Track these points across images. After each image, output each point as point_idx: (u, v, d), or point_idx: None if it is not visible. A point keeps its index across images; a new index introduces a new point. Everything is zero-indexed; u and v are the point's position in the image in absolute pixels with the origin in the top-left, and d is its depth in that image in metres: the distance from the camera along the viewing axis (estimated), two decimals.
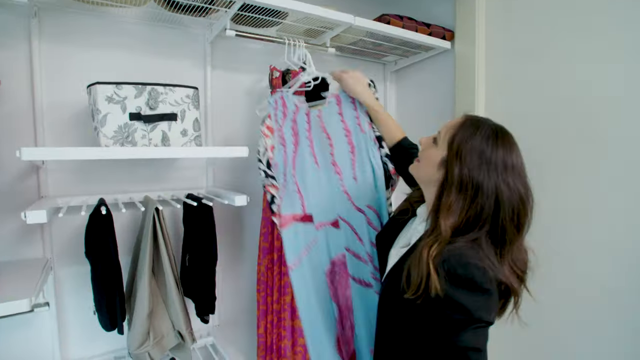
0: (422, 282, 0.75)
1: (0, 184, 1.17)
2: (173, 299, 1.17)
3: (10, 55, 1.17)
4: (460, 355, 0.75)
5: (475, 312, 0.74)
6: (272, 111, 1.30)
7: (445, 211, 0.79)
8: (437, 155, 0.85)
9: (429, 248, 0.77)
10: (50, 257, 1.24)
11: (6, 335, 1.21)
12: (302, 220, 1.20)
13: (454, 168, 0.80)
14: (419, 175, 0.94)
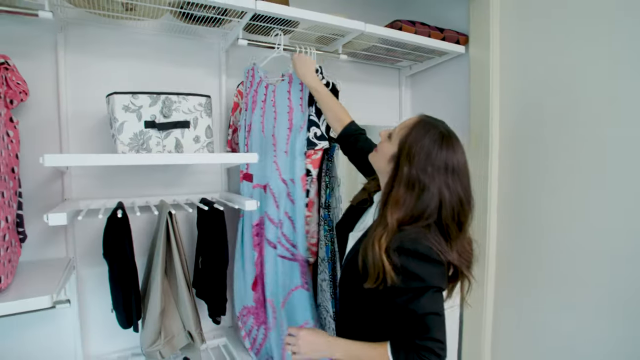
0: (380, 273, 0.83)
1: (28, 189, 1.25)
2: (184, 300, 1.22)
3: (38, 67, 1.26)
4: (421, 321, 0.82)
5: (428, 279, 0.83)
6: (244, 79, 1.50)
7: (393, 205, 0.88)
8: (390, 149, 0.94)
9: (379, 240, 0.85)
10: (72, 257, 1.32)
11: (32, 330, 1.29)
12: (245, 178, 1.49)
13: (403, 166, 0.89)
14: (374, 164, 1.02)
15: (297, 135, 1.32)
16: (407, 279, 0.83)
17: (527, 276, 1.53)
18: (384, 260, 0.83)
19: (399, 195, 0.87)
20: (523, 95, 1.53)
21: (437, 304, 0.84)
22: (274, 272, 1.36)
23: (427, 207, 0.86)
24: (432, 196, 0.86)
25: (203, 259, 1.36)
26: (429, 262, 0.84)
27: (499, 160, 1.63)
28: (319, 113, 1.34)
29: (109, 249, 1.13)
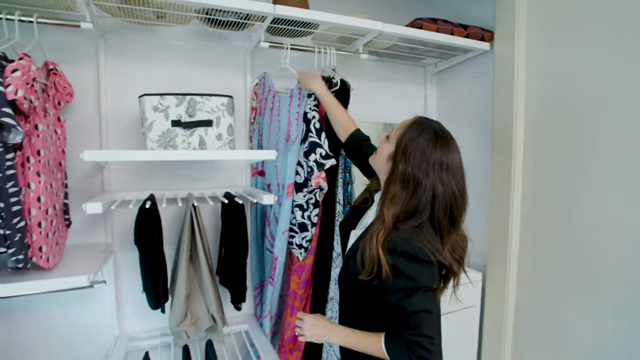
0: (374, 265, 0.89)
1: (73, 180, 1.41)
2: (207, 285, 1.32)
3: (82, 71, 1.40)
4: (411, 317, 0.87)
5: (418, 279, 0.88)
6: (257, 86, 1.65)
7: (388, 201, 0.93)
8: (388, 150, 0.99)
9: (377, 235, 0.91)
10: (110, 242, 1.47)
11: (76, 306, 1.46)
12: (259, 174, 1.65)
13: (399, 164, 0.94)
14: (375, 166, 1.08)
15: (290, 146, 1.41)
16: (399, 278, 0.88)
17: (550, 276, 1.51)
18: (380, 254, 0.88)
19: (395, 191, 0.93)
20: (549, 92, 1.51)
21: (427, 302, 0.88)
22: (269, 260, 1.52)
23: (420, 202, 0.90)
24: (425, 191, 0.90)
25: (225, 248, 1.46)
26: (419, 262, 0.88)
27: (523, 157, 1.61)
28: (319, 133, 1.40)
29: (139, 235, 1.25)
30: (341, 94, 1.48)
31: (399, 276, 0.88)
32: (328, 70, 1.52)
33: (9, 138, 1.01)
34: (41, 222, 1.11)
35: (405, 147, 0.93)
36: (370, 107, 1.99)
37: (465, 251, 0.97)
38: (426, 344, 0.85)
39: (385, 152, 1.00)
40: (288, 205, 1.42)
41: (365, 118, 2.01)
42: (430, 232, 0.91)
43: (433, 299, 0.90)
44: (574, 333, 1.41)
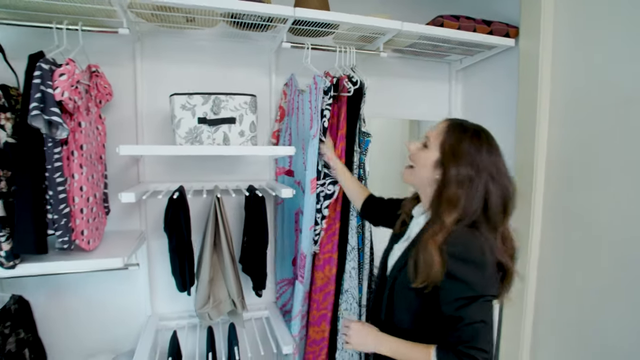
0: (431, 269, 0.88)
1: (112, 172, 1.56)
2: (228, 272, 1.43)
3: (120, 72, 1.54)
4: (468, 329, 0.86)
5: (479, 288, 0.87)
6: (285, 87, 1.75)
7: (446, 204, 0.94)
8: (431, 157, 0.99)
9: (434, 239, 0.91)
10: (144, 229, 1.61)
11: (112, 287, 1.62)
12: (287, 173, 1.71)
13: (450, 167, 0.94)
14: (414, 180, 1.07)
15: (310, 141, 1.45)
16: (457, 286, 0.88)
17: (571, 273, 1.50)
18: (435, 259, 0.88)
19: (452, 194, 0.93)
20: (576, 89, 1.48)
21: (484, 312, 0.87)
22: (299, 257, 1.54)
23: (475, 200, 0.92)
24: (479, 189, 0.92)
25: (247, 238, 1.57)
26: (479, 267, 0.88)
27: (546, 154, 1.60)
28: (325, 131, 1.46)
29: (168, 224, 1.37)
30: (357, 93, 1.53)
31: (458, 283, 0.88)
32: (347, 69, 1.58)
33: (57, 134, 1.15)
34: (83, 208, 1.25)
35: (452, 149, 0.95)
36: (396, 104, 2.02)
37: (515, 245, 0.98)
38: (481, 358, 0.84)
39: (429, 160, 0.99)
40: (312, 201, 1.46)
41: (391, 115, 2.05)
42: (486, 229, 0.92)
43: (489, 308, 0.89)
44: (594, 333, 1.40)
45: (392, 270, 1.07)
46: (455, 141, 0.96)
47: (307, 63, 1.53)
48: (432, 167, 0.99)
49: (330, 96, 1.45)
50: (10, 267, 1.17)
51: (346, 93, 1.54)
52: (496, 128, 1.80)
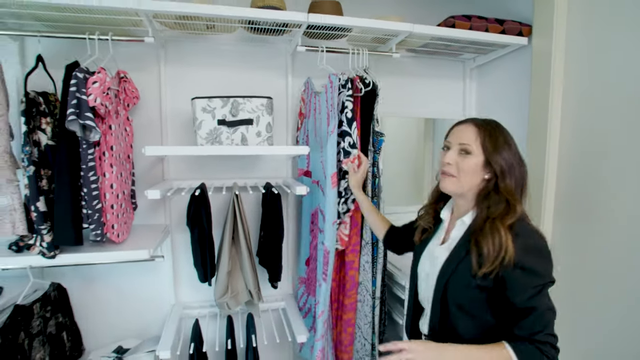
0: (499, 254, 0.90)
1: (139, 170, 1.68)
2: (246, 264, 1.53)
3: (146, 77, 1.66)
4: (541, 317, 0.89)
5: (546, 274, 0.92)
6: (303, 92, 1.82)
7: (507, 193, 0.99)
8: (477, 161, 1.02)
9: (502, 224, 0.94)
10: (168, 223, 1.74)
11: (139, 277, 1.75)
12: (305, 174, 1.78)
13: (500, 162, 1.00)
14: (460, 188, 1.05)
15: (328, 138, 1.50)
16: (527, 276, 0.90)
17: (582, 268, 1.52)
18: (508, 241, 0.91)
19: (507, 183, 0.99)
20: (588, 89, 1.50)
21: (550, 299, 0.90)
22: (319, 255, 1.60)
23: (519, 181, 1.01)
24: (520, 170, 1.02)
25: (264, 233, 1.66)
26: (544, 254, 0.93)
27: (558, 152, 1.62)
28: (350, 122, 1.49)
29: (190, 218, 1.48)
30: (371, 93, 1.60)
31: (527, 273, 0.90)
32: (360, 70, 1.64)
33: (90, 137, 1.27)
34: (113, 204, 1.37)
35: (495, 147, 1.00)
36: (410, 103, 2.08)
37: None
38: (555, 343, 0.88)
39: (477, 166, 1.02)
40: (333, 196, 1.49)
41: (406, 114, 2.11)
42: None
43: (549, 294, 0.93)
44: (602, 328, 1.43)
45: (440, 277, 1.04)
46: (493, 139, 1.01)
47: (322, 64, 1.60)
48: (481, 170, 1.02)
49: (349, 88, 1.50)
50: (51, 257, 1.30)
51: (358, 93, 1.61)
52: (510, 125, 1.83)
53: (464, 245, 1.01)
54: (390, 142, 1.87)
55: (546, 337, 0.88)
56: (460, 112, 2.13)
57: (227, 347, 1.58)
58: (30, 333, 1.39)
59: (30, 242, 1.34)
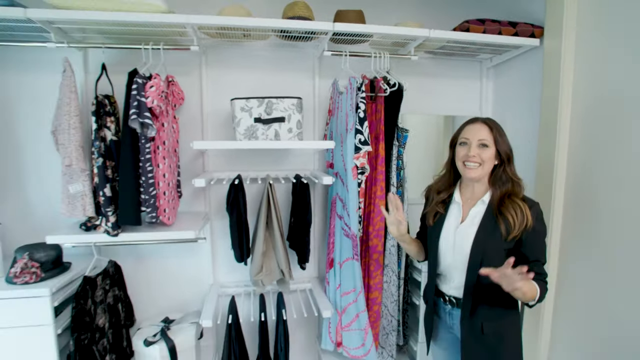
0: (523, 222, 1.24)
1: (184, 163, 1.92)
2: (278, 246, 1.74)
3: (190, 80, 1.89)
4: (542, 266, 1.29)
5: (546, 234, 1.33)
6: (331, 92, 2.01)
7: (512, 174, 1.33)
8: (492, 152, 1.32)
9: (519, 198, 1.29)
10: (208, 211, 1.97)
11: (182, 258, 2.00)
12: (330, 166, 2.01)
13: (505, 151, 1.33)
14: (480, 175, 1.33)
15: (347, 135, 1.69)
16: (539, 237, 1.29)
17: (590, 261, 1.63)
18: (528, 212, 1.25)
19: (512, 168, 1.34)
20: (599, 87, 1.60)
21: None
22: (339, 240, 1.81)
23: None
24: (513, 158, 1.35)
25: (294, 219, 1.87)
26: (543, 220, 1.31)
27: (568, 150, 1.74)
28: (362, 121, 1.68)
29: (230, 204, 1.70)
30: (397, 93, 1.78)
31: (538, 235, 1.28)
32: (382, 72, 1.82)
33: (147, 133, 1.50)
34: (165, 191, 1.60)
35: (502, 140, 1.32)
36: (430, 102, 2.24)
37: None
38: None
39: (492, 155, 1.31)
40: (354, 186, 1.71)
41: (426, 111, 2.26)
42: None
43: None
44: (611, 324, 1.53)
45: (475, 246, 1.29)
46: (499, 134, 1.32)
47: (345, 68, 1.79)
48: (494, 158, 1.33)
49: (363, 91, 1.69)
50: (115, 235, 1.55)
51: (382, 93, 1.79)
52: (524, 122, 2.01)
53: (489, 219, 1.30)
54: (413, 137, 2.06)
55: (545, 278, 1.28)
56: (477, 109, 2.28)
57: (260, 319, 1.79)
58: (95, 301, 1.64)
59: (97, 222, 1.60)
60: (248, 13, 1.65)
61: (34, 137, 1.80)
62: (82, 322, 1.54)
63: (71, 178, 1.52)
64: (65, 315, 1.60)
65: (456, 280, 1.37)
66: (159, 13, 1.50)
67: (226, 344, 1.77)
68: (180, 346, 1.72)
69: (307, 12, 1.69)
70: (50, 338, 1.51)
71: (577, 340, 1.69)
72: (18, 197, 1.82)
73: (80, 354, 1.53)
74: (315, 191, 2.10)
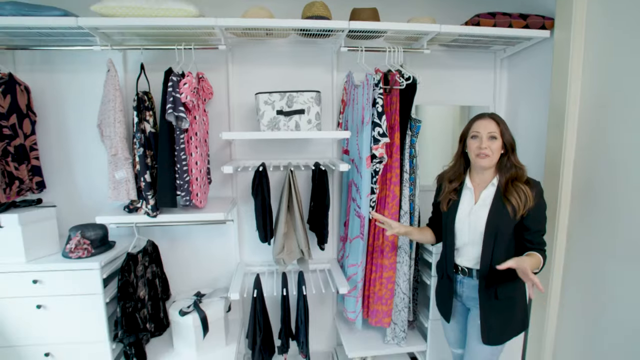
0: (526, 202, 1.44)
1: (213, 152, 2.12)
2: (298, 228, 1.93)
3: (217, 76, 2.09)
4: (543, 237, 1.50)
5: (546, 208, 1.51)
6: (345, 83, 2.18)
7: (518, 167, 1.51)
8: (500, 143, 1.51)
9: (522, 182, 1.48)
10: (235, 196, 2.17)
11: (211, 239, 2.22)
12: (345, 152, 2.21)
13: (510, 141, 1.51)
14: (491, 163, 1.51)
15: (363, 127, 1.85)
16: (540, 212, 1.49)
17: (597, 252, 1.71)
18: (530, 194, 1.44)
19: (515, 156, 1.52)
20: (607, 79, 1.67)
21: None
22: (352, 219, 2.00)
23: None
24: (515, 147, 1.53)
25: (313, 203, 2.05)
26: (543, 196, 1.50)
27: (576, 143, 1.82)
28: (380, 116, 1.83)
29: (254, 188, 1.89)
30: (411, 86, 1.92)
31: (539, 210, 1.47)
32: (396, 66, 1.96)
33: (181, 125, 1.70)
34: (197, 177, 1.81)
35: (507, 132, 1.50)
36: (445, 92, 2.35)
37: None
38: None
39: (499, 145, 1.49)
40: (367, 174, 1.88)
41: (442, 102, 2.38)
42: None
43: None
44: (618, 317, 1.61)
45: (488, 224, 1.51)
46: (505, 127, 1.51)
47: (361, 63, 1.94)
48: (501, 148, 1.51)
49: (380, 87, 1.84)
50: (154, 216, 1.77)
51: (398, 86, 1.93)
52: (537, 113, 2.10)
53: (498, 200, 1.50)
54: (430, 127, 2.24)
55: (544, 247, 1.49)
56: (490, 99, 2.38)
57: (282, 294, 1.99)
58: (136, 275, 1.87)
59: (138, 205, 1.82)
60: (270, 14, 1.82)
61: (81, 130, 2.04)
62: (126, 292, 1.77)
63: (116, 166, 1.75)
64: (111, 287, 1.84)
65: (469, 253, 1.58)
66: (191, 17, 1.68)
67: (251, 316, 1.98)
68: (210, 317, 1.93)
69: (324, 11, 1.84)
70: (100, 305, 1.76)
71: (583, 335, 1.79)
72: (68, 183, 2.08)
73: (125, 320, 1.76)
74: (334, 177, 2.27)
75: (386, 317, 2.05)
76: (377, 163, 1.88)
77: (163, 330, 2.07)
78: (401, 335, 2.07)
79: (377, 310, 2.08)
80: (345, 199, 2.17)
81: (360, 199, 1.91)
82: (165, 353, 1.97)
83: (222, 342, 2.02)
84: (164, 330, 2.08)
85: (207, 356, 1.95)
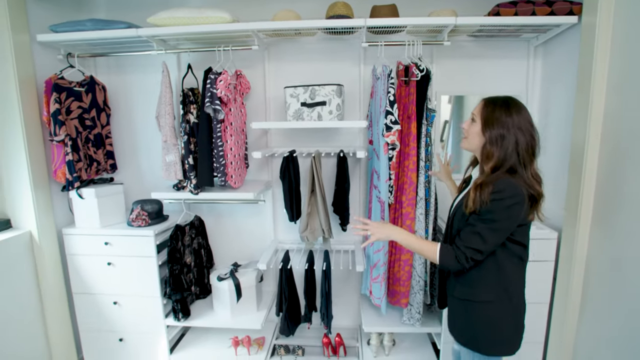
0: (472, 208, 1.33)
1: (252, 140, 2.46)
2: (320, 209, 2.18)
3: (254, 72, 2.41)
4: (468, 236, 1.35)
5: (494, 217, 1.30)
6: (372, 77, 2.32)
7: (485, 159, 1.38)
8: (477, 128, 1.40)
9: (476, 181, 1.36)
10: (270, 179, 2.50)
11: (249, 217, 2.56)
12: (370, 143, 2.36)
13: (487, 132, 1.36)
14: (468, 146, 1.46)
15: (380, 116, 2.03)
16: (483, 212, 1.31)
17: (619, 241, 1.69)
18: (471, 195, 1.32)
19: (488, 150, 1.35)
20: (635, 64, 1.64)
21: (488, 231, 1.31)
22: (374, 205, 2.19)
23: (510, 150, 1.32)
24: (512, 142, 1.31)
25: (337, 187, 2.29)
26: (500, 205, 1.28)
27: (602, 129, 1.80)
28: (392, 104, 1.98)
29: (282, 173, 2.18)
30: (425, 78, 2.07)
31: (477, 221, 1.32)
32: (415, 59, 2.12)
33: (218, 116, 2.05)
34: (232, 162, 2.15)
35: (487, 118, 1.36)
36: (474, 82, 2.42)
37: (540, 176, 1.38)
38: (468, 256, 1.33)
39: (477, 131, 1.39)
40: (385, 160, 2.07)
41: (472, 92, 2.46)
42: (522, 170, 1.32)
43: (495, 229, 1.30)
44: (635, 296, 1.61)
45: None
46: (489, 112, 1.36)
47: (381, 57, 2.13)
48: (480, 135, 1.39)
49: (392, 77, 2.01)
50: (196, 194, 2.15)
51: (415, 78, 2.09)
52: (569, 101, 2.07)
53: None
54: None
55: (465, 248, 1.33)
56: (523, 89, 2.39)
57: (308, 267, 2.27)
58: (184, 244, 2.28)
59: (184, 184, 2.22)
60: (297, 15, 2.09)
61: (144, 122, 2.50)
62: (174, 257, 2.18)
63: (167, 151, 2.16)
64: (163, 254, 2.26)
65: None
66: (227, 22, 2.02)
67: (279, 286, 2.29)
68: (244, 284, 2.28)
69: (345, 10, 2.06)
70: (154, 266, 2.18)
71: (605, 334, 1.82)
72: (133, 165, 2.57)
73: (173, 280, 2.18)
74: (360, 166, 2.48)
75: (404, 298, 2.23)
76: (390, 149, 2.06)
77: (207, 294, 2.48)
78: (417, 317, 2.24)
79: (396, 291, 2.27)
80: (368, 187, 2.38)
81: (380, 185, 2.11)
82: (206, 312, 2.37)
83: (254, 308, 2.36)
84: (207, 294, 2.48)
85: (239, 318, 2.30)
